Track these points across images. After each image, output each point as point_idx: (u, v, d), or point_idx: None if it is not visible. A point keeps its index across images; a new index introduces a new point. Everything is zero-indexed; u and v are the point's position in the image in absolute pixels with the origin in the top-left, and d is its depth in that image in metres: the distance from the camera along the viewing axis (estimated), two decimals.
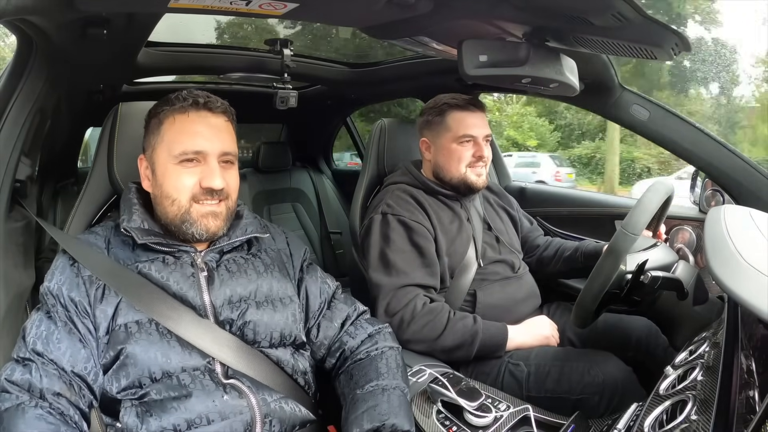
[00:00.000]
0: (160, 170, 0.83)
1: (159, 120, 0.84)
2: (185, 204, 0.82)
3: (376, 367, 0.87)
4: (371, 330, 0.95)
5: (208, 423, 0.75)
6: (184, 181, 0.81)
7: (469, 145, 1.24)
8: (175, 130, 0.82)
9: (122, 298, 0.79)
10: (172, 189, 0.82)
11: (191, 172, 0.82)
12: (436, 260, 1.17)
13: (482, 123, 1.26)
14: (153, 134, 0.85)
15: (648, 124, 1.21)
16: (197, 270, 0.84)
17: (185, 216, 0.82)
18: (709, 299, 1.08)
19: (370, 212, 1.25)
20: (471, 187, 1.25)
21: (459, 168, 1.24)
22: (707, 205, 1.32)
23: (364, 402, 0.80)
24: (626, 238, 0.90)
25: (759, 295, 0.51)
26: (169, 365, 0.78)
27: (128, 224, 0.83)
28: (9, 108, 0.92)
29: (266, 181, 2.34)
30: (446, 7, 0.86)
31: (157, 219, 0.86)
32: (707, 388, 0.60)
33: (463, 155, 1.24)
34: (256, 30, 4.06)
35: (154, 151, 0.84)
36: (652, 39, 0.77)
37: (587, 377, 0.99)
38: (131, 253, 0.84)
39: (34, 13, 0.78)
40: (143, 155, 0.87)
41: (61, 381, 0.73)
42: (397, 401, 0.81)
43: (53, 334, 0.76)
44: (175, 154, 0.81)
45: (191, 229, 0.82)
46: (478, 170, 1.24)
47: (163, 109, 0.84)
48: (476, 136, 1.24)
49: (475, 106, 1.26)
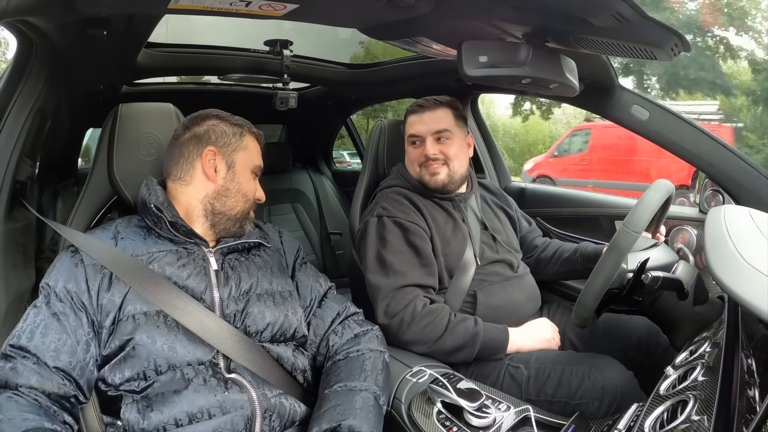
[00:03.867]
0: (241, 170, 0.94)
1: (241, 132, 0.96)
2: (252, 205, 0.96)
3: (350, 369, 0.88)
4: (358, 330, 0.97)
5: (209, 417, 0.76)
6: (254, 187, 0.97)
7: (417, 145, 1.27)
8: (254, 147, 0.98)
9: (131, 288, 0.80)
10: (248, 190, 0.95)
11: (254, 183, 0.98)
12: (433, 260, 1.17)
13: (430, 120, 1.26)
14: (234, 138, 0.94)
15: (648, 124, 1.20)
16: (208, 265, 0.87)
17: (247, 215, 0.95)
18: (709, 299, 1.07)
19: (366, 215, 1.26)
20: (429, 187, 1.26)
21: (414, 169, 1.28)
22: (707, 205, 1.32)
23: (328, 401, 0.82)
24: (628, 236, 0.90)
25: (759, 295, 0.51)
26: (175, 358, 0.78)
27: (157, 203, 0.87)
28: (9, 108, 0.92)
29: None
30: (446, 8, 0.86)
31: (177, 211, 0.90)
32: (708, 388, 0.60)
33: (413, 156, 1.28)
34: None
35: (236, 152, 0.94)
36: (651, 39, 0.77)
37: (587, 382, 0.98)
38: (142, 244, 0.86)
39: (34, 13, 0.78)
40: (214, 148, 0.92)
41: (39, 375, 0.73)
42: (361, 403, 0.81)
43: (38, 327, 0.76)
44: (256, 164, 0.98)
45: (246, 225, 0.95)
46: (431, 169, 1.24)
47: (242, 125, 0.97)
48: (420, 134, 1.26)
49: (423, 107, 1.27)
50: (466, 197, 1.31)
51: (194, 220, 0.91)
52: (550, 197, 1.79)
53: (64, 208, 1.58)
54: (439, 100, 1.28)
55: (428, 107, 1.27)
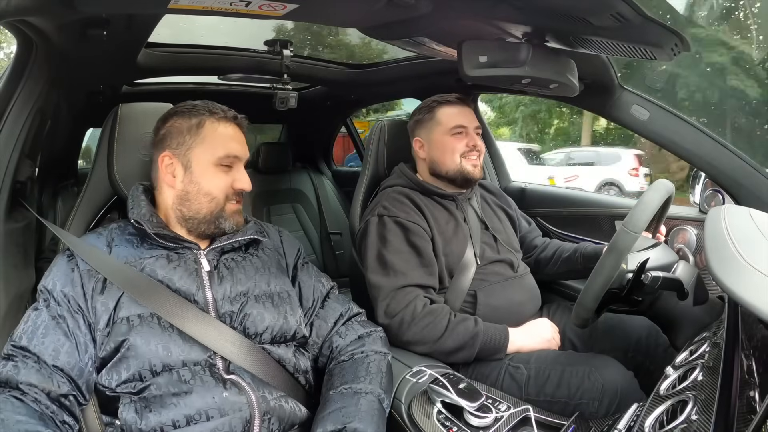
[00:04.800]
0: (198, 168, 0.88)
1: (198, 122, 0.89)
2: (222, 201, 0.89)
3: (355, 370, 0.88)
4: (362, 332, 0.97)
5: (207, 419, 0.76)
6: (222, 181, 0.89)
7: (461, 136, 1.27)
8: (219, 134, 0.89)
9: (124, 292, 0.80)
10: (212, 187, 0.88)
11: (227, 174, 0.89)
12: (434, 260, 1.17)
13: (471, 116, 1.30)
14: (189, 135, 0.88)
15: (648, 124, 1.20)
16: (200, 266, 0.87)
17: (221, 212, 0.89)
18: (709, 299, 1.07)
19: (367, 215, 1.26)
20: (467, 178, 1.27)
21: (454, 158, 1.27)
22: (707, 205, 1.32)
23: (333, 403, 0.82)
24: (627, 236, 0.90)
25: (759, 295, 0.51)
26: (170, 358, 0.78)
27: (139, 216, 0.86)
28: (9, 108, 0.92)
29: (266, 181, 2.34)
30: (446, 7, 0.86)
31: (162, 218, 0.89)
32: (708, 389, 0.60)
33: (457, 146, 1.27)
34: None
35: (191, 150, 0.88)
36: (651, 39, 0.77)
37: (587, 382, 0.98)
38: (135, 250, 0.86)
39: (34, 13, 0.78)
40: (169, 153, 0.89)
41: (39, 373, 0.74)
42: (367, 406, 0.81)
43: (39, 328, 0.77)
44: (219, 156, 0.88)
45: (224, 224, 0.89)
46: (473, 160, 1.27)
47: (201, 114, 0.89)
48: (467, 126, 1.27)
49: (462, 102, 1.30)
50: (468, 197, 1.31)
51: (174, 225, 0.90)
52: (550, 197, 1.79)
53: (64, 209, 1.58)
54: (463, 98, 1.32)
55: (461, 102, 1.30)
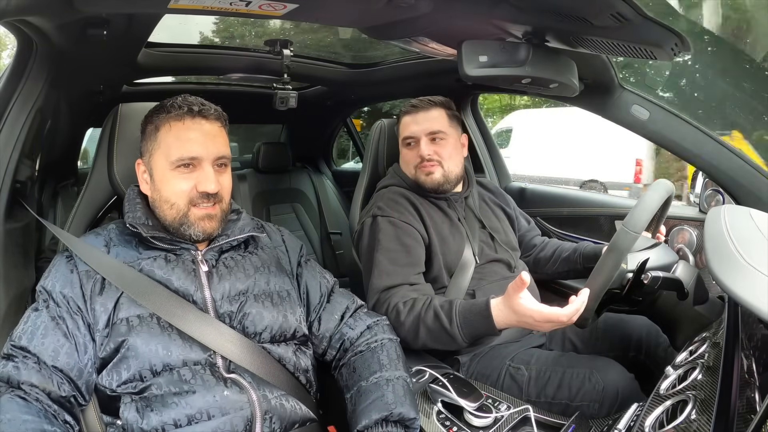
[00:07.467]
0: (158, 175, 0.86)
1: (155, 126, 0.87)
2: (183, 208, 0.86)
3: (378, 359, 0.89)
4: (370, 322, 0.98)
5: (208, 418, 0.76)
6: (182, 185, 0.85)
7: (412, 147, 1.27)
8: (171, 136, 0.85)
9: (123, 293, 0.80)
10: (170, 193, 0.85)
11: (187, 177, 0.85)
12: (422, 261, 1.17)
13: (424, 121, 1.26)
14: (149, 140, 0.87)
15: (648, 124, 1.20)
16: (198, 266, 0.87)
17: (183, 219, 0.86)
18: (709, 299, 1.08)
19: (363, 216, 1.26)
20: (425, 188, 1.26)
21: (410, 170, 1.28)
22: (707, 205, 1.32)
23: (371, 393, 0.83)
24: (627, 236, 0.90)
25: (759, 295, 0.51)
26: (170, 358, 0.78)
27: (133, 220, 0.86)
28: (9, 108, 0.92)
29: (266, 181, 2.34)
30: (446, 7, 0.86)
31: (158, 219, 0.89)
32: (707, 388, 0.60)
33: (408, 157, 1.28)
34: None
35: (152, 156, 0.87)
36: (651, 39, 0.77)
37: (588, 384, 0.98)
38: (133, 251, 0.86)
39: (34, 13, 0.78)
40: (140, 160, 0.90)
41: (40, 374, 0.74)
42: (402, 390, 0.83)
43: (38, 329, 0.77)
44: (172, 160, 0.84)
45: (189, 230, 0.86)
46: (426, 170, 1.24)
47: (158, 116, 0.87)
48: (415, 136, 1.26)
49: (417, 108, 1.27)
50: (463, 196, 1.31)
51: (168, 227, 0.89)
52: (549, 197, 1.79)
53: (64, 208, 1.58)
54: (433, 100, 1.28)
55: (422, 108, 1.27)
